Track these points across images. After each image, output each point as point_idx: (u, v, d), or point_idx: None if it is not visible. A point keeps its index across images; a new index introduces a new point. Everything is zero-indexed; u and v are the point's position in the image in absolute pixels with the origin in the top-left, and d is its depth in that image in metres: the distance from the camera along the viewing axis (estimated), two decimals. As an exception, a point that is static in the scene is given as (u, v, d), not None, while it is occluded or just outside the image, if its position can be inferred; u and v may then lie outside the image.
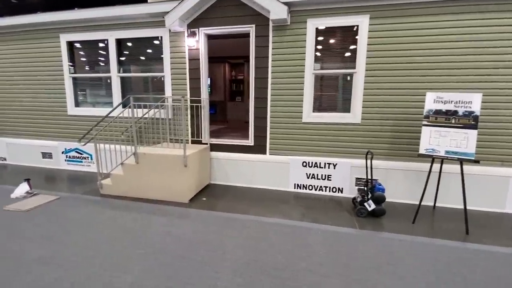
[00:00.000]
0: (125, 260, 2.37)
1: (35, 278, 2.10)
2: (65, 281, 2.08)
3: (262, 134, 4.27)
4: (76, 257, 2.40)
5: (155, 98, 4.51)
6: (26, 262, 2.31)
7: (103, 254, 2.44)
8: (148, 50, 4.68)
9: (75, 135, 5.21)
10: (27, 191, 3.85)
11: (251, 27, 4.05)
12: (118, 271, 2.21)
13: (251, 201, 3.87)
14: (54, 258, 2.37)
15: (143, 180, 3.81)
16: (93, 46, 4.93)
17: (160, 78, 4.65)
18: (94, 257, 2.39)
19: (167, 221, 3.14)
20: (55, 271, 2.19)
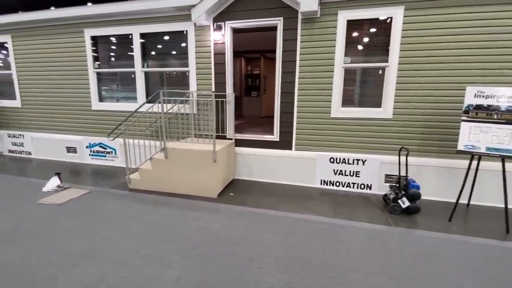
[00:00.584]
0: (167, 255, 2.37)
1: (82, 271, 2.13)
2: (113, 275, 2.10)
3: (288, 129, 4.22)
4: (118, 250, 2.42)
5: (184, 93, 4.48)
6: (70, 254, 2.35)
7: (144, 249, 2.46)
8: (172, 45, 4.65)
9: (99, 130, 5.27)
10: (58, 185, 3.91)
11: (279, 20, 3.97)
12: (163, 266, 2.21)
13: (279, 197, 3.84)
14: (96, 251, 2.40)
15: (171, 175, 3.82)
16: (117, 40, 4.93)
17: (185, 73, 4.63)
18: (136, 252, 2.41)
19: (199, 216, 3.14)
20: (101, 265, 2.21)
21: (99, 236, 2.66)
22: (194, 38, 4.38)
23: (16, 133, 5.91)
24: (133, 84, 4.94)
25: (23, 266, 2.17)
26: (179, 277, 2.08)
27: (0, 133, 6.06)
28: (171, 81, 4.86)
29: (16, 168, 5.13)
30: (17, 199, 3.54)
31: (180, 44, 4.56)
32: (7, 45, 5.53)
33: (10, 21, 5.27)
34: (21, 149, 5.97)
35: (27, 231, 2.73)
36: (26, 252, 2.36)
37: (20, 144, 5.94)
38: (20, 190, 3.89)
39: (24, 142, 5.89)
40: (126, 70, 4.94)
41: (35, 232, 2.71)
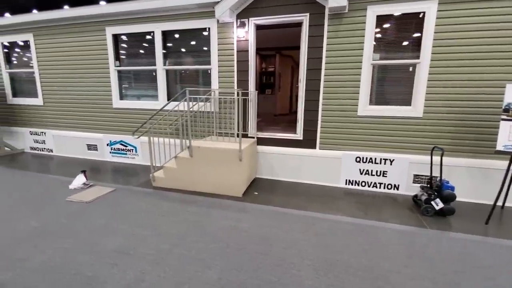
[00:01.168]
0: (203, 254, 2.35)
1: (121, 270, 2.12)
2: (152, 275, 2.08)
3: (313, 128, 4.14)
4: (152, 249, 2.41)
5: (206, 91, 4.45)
6: (107, 252, 2.35)
7: (178, 248, 2.44)
8: (194, 42, 4.61)
9: (120, 128, 5.30)
10: (84, 183, 3.95)
11: (305, 16, 3.88)
12: (200, 266, 2.19)
13: (304, 196, 3.78)
14: (131, 250, 2.39)
15: (196, 173, 3.80)
16: (138, 38, 4.92)
17: (207, 71, 4.59)
18: (171, 251, 2.39)
19: (227, 215, 3.11)
20: (138, 264, 2.20)
21: (132, 234, 2.66)
22: (217, 35, 4.33)
23: (38, 130, 6.00)
24: (154, 82, 4.93)
25: (64, 265, 2.18)
26: (219, 278, 2.05)
27: (22, 131, 6.17)
28: (192, 79, 4.83)
29: (40, 165, 5.21)
30: (46, 197, 3.58)
31: (202, 42, 4.52)
32: (30, 44, 5.59)
33: (32, 20, 5.33)
34: (43, 147, 6.06)
35: (61, 229, 2.75)
36: (64, 250, 2.37)
37: (41, 141, 6.03)
38: (48, 187, 3.94)
39: (46, 140, 5.98)
40: (147, 68, 4.94)
41: (69, 230, 2.73)
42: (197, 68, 4.66)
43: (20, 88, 6.11)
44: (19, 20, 5.41)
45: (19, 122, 6.19)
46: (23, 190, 3.82)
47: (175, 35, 4.67)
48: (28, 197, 3.55)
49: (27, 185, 4.01)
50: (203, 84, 4.70)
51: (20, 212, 3.13)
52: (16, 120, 6.20)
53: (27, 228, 2.76)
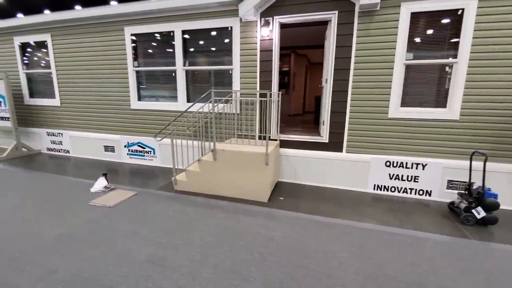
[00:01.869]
0: (238, 266, 2.22)
1: (157, 283, 2.01)
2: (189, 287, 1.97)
3: (339, 130, 3.98)
4: (185, 260, 2.29)
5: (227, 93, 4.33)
6: (139, 263, 2.24)
7: (212, 258, 2.32)
8: (215, 42, 4.49)
9: (138, 129, 5.22)
10: (105, 186, 3.87)
11: (333, 14, 3.72)
12: (238, 280, 2.06)
13: (332, 202, 3.63)
14: (163, 260, 2.28)
15: (220, 177, 3.69)
16: (157, 38, 4.82)
17: (228, 72, 4.47)
18: (204, 261, 2.27)
19: (257, 223, 2.98)
20: (173, 276, 2.09)
21: (161, 243, 2.55)
22: (239, 34, 4.20)
23: (55, 131, 5.97)
24: (173, 83, 4.83)
25: (97, 277, 2.08)
26: (261, 294, 1.93)
27: (39, 132, 6.16)
28: (212, 80, 4.71)
29: (58, 167, 5.17)
30: (68, 200, 3.50)
31: (224, 41, 4.40)
32: (47, 44, 5.55)
33: (50, 20, 5.29)
34: (60, 147, 6.04)
35: (87, 236, 2.66)
36: (95, 260, 2.27)
37: (58, 142, 6.01)
38: (68, 190, 3.87)
39: (63, 141, 5.95)
40: (166, 69, 4.84)
41: (96, 237, 2.64)
42: (218, 68, 4.54)
43: (37, 88, 6.09)
44: (37, 20, 5.37)
45: (36, 122, 6.18)
46: (44, 192, 3.76)
47: (196, 35, 4.55)
48: (50, 200, 3.48)
49: (47, 188, 3.95)
50: (224, 85, 4.58)
51: (43, 216, 3.06)
52: (33, 121, 6.19)
53: (53, 234, 2.68)
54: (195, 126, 4.11)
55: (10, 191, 3.81)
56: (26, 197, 3.61)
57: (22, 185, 4.07)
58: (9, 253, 2.35)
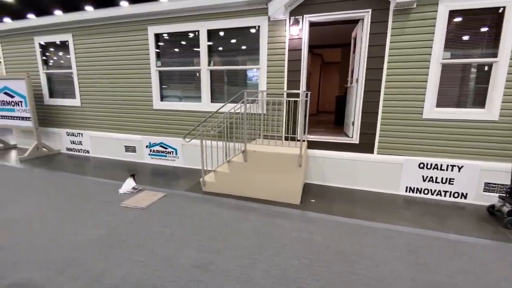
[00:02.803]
0: (289, 272, 2.16)
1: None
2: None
3: (370, 131, 3.90)
4: (232, 265, 2.24)
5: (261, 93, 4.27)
6: (186, 267, 2.19)
7: (260, 263, 2.26)
8: (241, 41, 4.43)
9: (160, 130, 5.19)
10: (134, 187, 3.83)
11: (367, 12, 3.64)
12: (292, 285, 2.00)
13: (366, 205, 3.55)
14: (210, 264, 2.23)
15: (250, 179, 3.63)
16: (182, 38, 4.78)
17: (254, 71, 4.40)
18: (253, 266, 2.22)
19: (295, 226, 2.91)
20: (224, 283, 2.03)
21: (203, 246, 2.50)
22: (267, 33, 4.13)
23: (75, 131, 5.97)
24: (197, 83, 4.79)
25: (146, 281, 2.03)
26: (320, 301, 1.86)
27: (59, 132, 6.16)
28: (237, 80, 4.66)
29: (80, 167, 5.16)
30: (98, 201, 3.47)
31: (250, 41, 4.34)
32: (68, 44, 5.54)
33: (72, 20, 5.27)
34: (79, 148, 6.03)
35: (127, 238, 2.62)
36: (140, 264, 2.23)
37: (78, 142, 6.00)
38: (96, 191, 3.84)
39: (83, 141, 5.94)
40: (190, 69, 4.80)
41: (135, 239, 2.59)
42: (244, 68, 4.48)
43: (57, 88, 6.09)
44: (58, 20, 5.36)
45: (55, 123, 6.18)
46: (72, 193, 3.74)
47: (221, 34, 4.50)
48: (80, 201, 3.45)
49: (75, 188, 3.92)
50: (250, 85, 4.52)
51: (78, 217, 3.02)
52: (53, 121, 6.19)
53: (92, 236, 2.64)
54: (220, 126, 4.05)
55: (39, 191, 3.80)
56: (56, 197, 3.59)
57: (49, 185, 4.05)
58: (53, 256, 2.31)
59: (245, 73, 4.54)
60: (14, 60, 6.26)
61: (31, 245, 2.47)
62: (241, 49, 4.47)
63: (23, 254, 2.34)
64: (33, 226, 2.83)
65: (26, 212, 3.14)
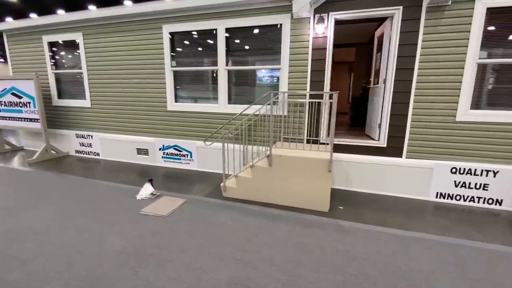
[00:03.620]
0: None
1: (252, 310, 1.79)
2: (293, 317, 1.74)
3: (399, 134, 3.73)
4: (272, 281, 2.06)
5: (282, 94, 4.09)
6: (224, 284, 2.02)
7: (302, 279, 2.09)
8: (262, 40, 4.26)
9: (174, 132, 5.02)
10: (152, 192, 3.66)
11: (397, 10, 3.46)
12: (343, 307, 1.83)
13: (397, 212, 3.38)
14: (249, 281, 2.06)
15: (275, 184, 3.46)
16: (198, 37, 4.61)
17: (275, 71, 4.23)
18: (295, 283, 2.04)
19: (329, 236, 2.74)
20: (268, 301, 1.86)
21: (236, 259, 2.33)
22: (290, 32, 3.96)
23: (84, 133, 5.79)
24: (213, 84, 4.62)
25: (184, 301, 1.86)
26: (379, 326, 1.69)
27: (68, 133, 5.99)
28: (256, 81, 4.49)
29: (92, 171, 4.99)
30: (116, 208, 3.30)
31: (271, 39, 4.16)
32: (78, 43, 5.37)
33: (82, 18, 5.10)
34: (89, 150, 5.86)
35: (152, 250, 2.44)
36: (174, 281, 2.05)
37: (88, 144, 5.83)
38: (112, 196, 3.67)
39: (93, 143, 5.77)
40: (207, 69, 4.62)
41: (162, 252, 2.42)
42: (265, 68, 4.31)
43: (66, 89, 5.92)
44: (69, 18, 5.19)
45: (64, 124, 6.01)
46: (87, 198, 3.56)
47: (241, 33, 4.32)
48: (98, 209, 3.28)
49: (89, 193, 3.75)
50: (270, 86, 4.35)
51: (98, 227, 2.85)
52: (61, 123, 6.02)
53: (116, 247, 2.47)
54: (238, 129, 3.89)
55: (53, 196, 3.62)
56: (72, 203, 3.41)
57: (62, 190, 3.88)
58: (79, 272, 2.14)
59: (265, 73, 4.36)
60: (21, 60, 6.08)
61: (53, 259, 2.30)
62: (261, 49, 4.30)
63: (46, 269, 2.17)
64: (51, 235, 2.66)
65: (42, 220, 2.97)
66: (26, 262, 2.25)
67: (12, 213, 3.14)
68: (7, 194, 3.72)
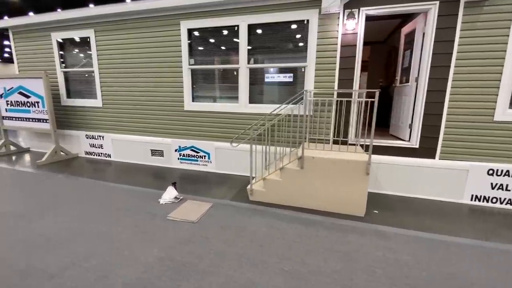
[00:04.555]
0: (399, 304, 1.84)
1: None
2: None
3: (433, 134, 3.59)
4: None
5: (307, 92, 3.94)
6: (276, 300, 1.85)
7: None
8: (286, 37, 4.09)
9: (191, 132, 4.84)
10: (176, 196, 3.48)
11: (433, 5, 3.32)
12: (414, 324, 1.68)
13: (434, 215, 3.24)
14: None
15: (307, 187, 3.30)
16: (218, 33, 4.43)
17: (300, 69, 4.07)
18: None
19: (373, 243, 2.59)
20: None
21: (283, 270, 2.16)
22: (317, 28, 3.80)
23: (95, 134, 5.59)
24: (233, 82, 4.45)
25: (240, 319, 1.69)
26: None
27: (77, 134, 5.77)
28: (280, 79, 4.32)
29: (106, 173, 4.79)
30: (142, 214, 3.11)
31: (296, 36, 4.01)
32: (90, 40, 5.17)
33: (95, 14, 4.90)
34: (100, 151, 5.65)
35: (191, 259, 2.27)
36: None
37: (99, 146, 5.62)
38: (134, 201, 3.47)
39: (104, 144, 5.56)
40: (228, 67, 4.45)
41: (201, 262, 2.25)
42: (289, 66, 4.14)
43: (76, 88, 5.71)
44: (80, 14, 4.98)
45: (73, 125, 5.79)
46: (109, 204, 3.37)
47: (264, 29, 4.15)
48: (122, 214, 3.10)
49: (109, 198, 3.56)
50: (293, 84, 4.19)
51: (126, 235, 2.66)
52: (71, 123, 5.80)
53: (149, 258, 2.29)
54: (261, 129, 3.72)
55: (71, 201, 3.43)
56: (92, 208, 3.22)
57: (79, 194, 3.68)
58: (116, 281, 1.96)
59: (290, 71, 4.20)
60: (28, 58, 5.86)
61: (85, 272, 2.11)
62: (285, 46, 4.13)
63: (78, 284, 1.98)
64: (77, 245, 2.48)
65: (63, 227, 2.78)
66: (54, 276, 2.07)
67: (29, 220, 2.94)
68: (20, 199, 3.52)
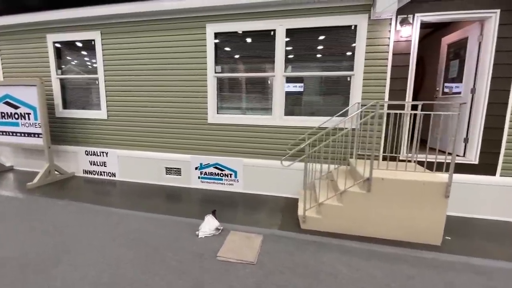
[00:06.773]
0: None
1: None
2: None
3: (494, 149, 3.33)
4: None
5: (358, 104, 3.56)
6: None
7: None
8: (329, 43, 3.74)
9: (215, 148, 4.29)
10: (217, 227, 2.90)
11: (494, 13, 3.13)
12: None
13: (507, 239, 2.93)
14: None
15: (373, 213, 2.87)
16: (250, 38, 3.99)
17: (345, 78, 3.72)
18: None
19: (474, 282, 2.19)
20: None
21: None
22: (366, 34, 3.49)
23: (97, 150, 4.85)
24: (265, 92, 4.00)
25: None
26: None
27: (75, 150, 5.00)
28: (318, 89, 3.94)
29: (115, 197, 4.09)
30: (180, 253, 2.51)
31: (342, 43, 3.66)
32: (95, 44, 4.52)
33: (102, 14, 4.28)
34: (102, 170, 4.91)
35: (277, 324, 1.73)
36: None
37: (101, 163, 4.88)
38: (166, 235, 2.84)
39: (107, 161, 4.83)
40: (260, 75, 4.00)
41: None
42: (334, 75, 3.76)
43: (74, 97, 4.98)
44: (85, 14, 4.34)
45: (70, 139, 5.02)
46: (131, 240, 2.72)
47: (304, 34, 3.77)
48: (151, 254, 2.47)
49: (128, 232, 2.89)
50: (336, 95, 3.82)
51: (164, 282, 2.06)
52: (67, 137, 5.03)
53: (220, 324, 1.72)
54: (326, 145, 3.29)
55: (78, 236, 2.73)
56: (114, 245, 2.56)
57: (91, 225, 2.99)
58: None
59: (331, 80, 3.83)
60: (16, 63, 5.06)
61: None
62: (328, 53, 3.77)
63: None
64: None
65: (90, 278, 2.12)
66: None
67: (39, 269, 2.24)
68: (19, 239, 2.77)
